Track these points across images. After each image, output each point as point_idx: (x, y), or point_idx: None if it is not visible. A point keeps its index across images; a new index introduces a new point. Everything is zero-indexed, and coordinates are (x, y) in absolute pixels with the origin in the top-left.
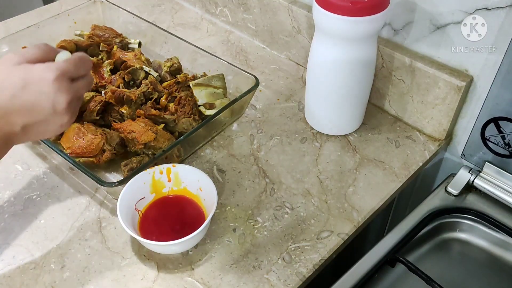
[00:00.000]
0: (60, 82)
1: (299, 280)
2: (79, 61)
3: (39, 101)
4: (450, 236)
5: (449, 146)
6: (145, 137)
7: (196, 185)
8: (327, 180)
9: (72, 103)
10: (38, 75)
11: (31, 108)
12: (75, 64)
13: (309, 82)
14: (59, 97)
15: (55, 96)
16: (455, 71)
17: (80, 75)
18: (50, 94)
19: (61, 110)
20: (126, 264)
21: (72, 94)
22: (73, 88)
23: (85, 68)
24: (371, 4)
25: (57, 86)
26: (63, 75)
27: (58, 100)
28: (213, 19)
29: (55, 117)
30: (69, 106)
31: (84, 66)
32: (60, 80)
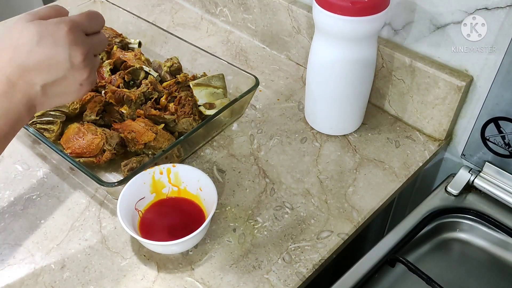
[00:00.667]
0: (74, 34)
1: (299, 280)
2: (92, 15)
3: (55, 54)
4: (450, 236)
5: (449, 146)
6: (145, 137)
7: (196, 185)
8: (327, 180)
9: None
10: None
11: (48, 62)
12: (88, 18)
13: (309, 82)
14: (74, 49)
15: (71, 48)
16: (455, 71)
17: (93, 31)
18: (65, 46)
19: (78, 63)
20: (126, 264)
21: (88, 47)
22: (88, 42)
23: (98, 23)
24: (371, 4)
25: (71, 37)
26: (76, 27)
27: (74, 52)
28: (213, 19)
29: (74, 73)
30: (86, 59)
31: (98, 21)
32: (74, 31)
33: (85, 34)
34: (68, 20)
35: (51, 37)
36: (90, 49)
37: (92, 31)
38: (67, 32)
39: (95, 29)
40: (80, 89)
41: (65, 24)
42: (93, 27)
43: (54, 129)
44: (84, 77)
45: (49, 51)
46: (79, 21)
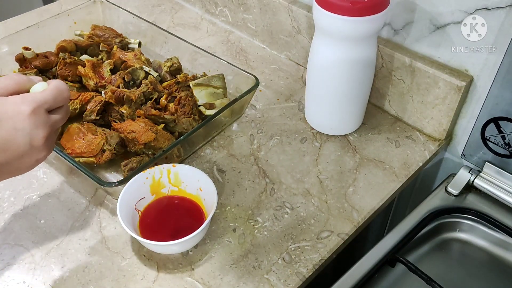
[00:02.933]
0: (37, 116)
1: (299, 280)
2: (57, 91)
3: (14, 138)
4: (450, 236)
5: (449, 146)
6: (145, 137)
7: (196, 185)
8: (327, 180)
9: (50, 137)
10: (12, 109)
11: (5, 146)
12: (53, 95)
13: (309, 82)
14: (36, 132)
15: (32, 131)
16: (455, 71)
17: (58, 106)
18: (25, 130)
19: (38, 146)
20: (126, 264)
21: (50, 128)
22: (50, 121)
23: (63, 98)
24: (371, 4)
25: (33, 120)
26: (39, 107)
27: (35, 136)
28: (213, 19)
29: (32, 153)
30: (47, 140)
31: (63, 96)
32: (36, 113)
33: (47, 112)
34: (30, 100)
35: (11, 120)
36: (52, 129)
37: (56, 107)
38: (28, 115)
39: (60, 104)
40: (34, 164)
41: (27, 106)
42: (58, 104)
43: None
44: (41, 156)
45: (8, 135)
46: (42, 100)
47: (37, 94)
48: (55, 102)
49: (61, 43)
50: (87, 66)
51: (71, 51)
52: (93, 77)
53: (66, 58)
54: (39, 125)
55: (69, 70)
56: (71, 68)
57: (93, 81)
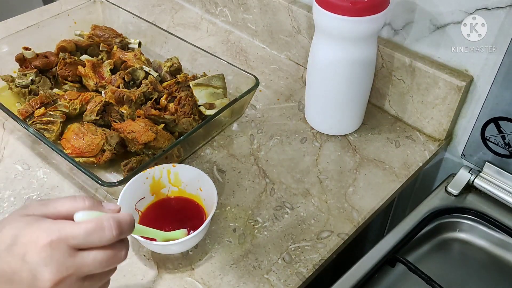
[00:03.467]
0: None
1: (299, 280)
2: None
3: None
4: (450, 236)
5: (449, 146)
6: (145, 137)
7: (196, 185)
8: (327, 180)
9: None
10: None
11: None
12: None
13: (309, 82)
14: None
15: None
16: (455, 71)
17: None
18: (32, 264)
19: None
20: (126, 264)
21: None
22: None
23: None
24: (371, 4)
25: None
26: (61, 240)
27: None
28: (213, 19)
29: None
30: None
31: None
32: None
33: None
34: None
35: (22, 247)
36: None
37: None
38: (42, 246)
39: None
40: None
41: (46, 234)
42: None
43: (54, 129)
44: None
45: (13, 265)
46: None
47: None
48: (87, 240)
49: (61, 43)
50: (87, 66)
51: (71, 51)
52: (93, 77)
53: (66, 58)
54: (51, 263)
55: (69, 70)
56: (71, 68)
57: (93, 81)
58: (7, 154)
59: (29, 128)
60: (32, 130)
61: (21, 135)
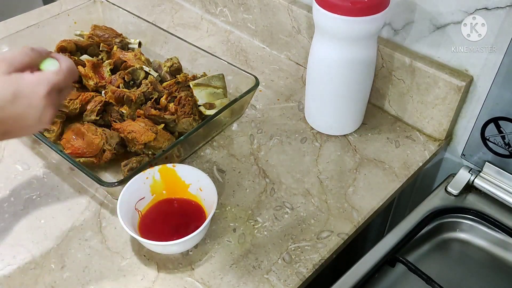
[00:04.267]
0: (50, 97)
1: (299, 280)
2: (69, 73)
3: (27, 114)
4: (450, 236)
5: (449, 146)
6: (145, 137)
7: (196, 185)
8: (327, 180)
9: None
10: (30, 89)
11: (17, 119)
12: (65, 77)
13: (309, 82)
14: (46, 111)
15: (43, 110)
16: (455, 71)
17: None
18: (38, 108)
19: (45, 121)
20: (126, 264)
21: (58, 105)
22: (58, 101)
23: (73, 79)
24: (371, 4)
25: (47, 101)
26: (53, 89)
27: (45, 114)
28: (213, 19)
29: (37, 126)
30: (53, 117)
31: (73, 78)
32: (50, 95)
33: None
34: (46, 82)
35: (27, 98)
36: (58, 107)
37: (65, 86)
38: (43, 96)
39: (69, 85)
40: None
41: (43, 87)
42: (67, 84)
43: (54, 129)
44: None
45: (22, 111)
46: (56, 82)
47: (51, 75)
48: (66, 84)
49: (61, 43)
50: (87, 66)
51: (71, 51)
52: (93, 77)
53: None
54: (50, 105)
55: None
56: None
57: (93, 81)
58: (7, 154)
59: None
60: None
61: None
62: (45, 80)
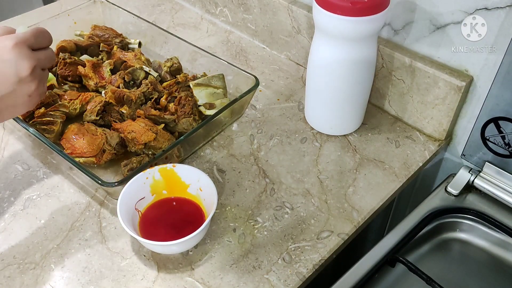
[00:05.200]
0: (20, 49)
1: (299, 280)
2: (38, 32)
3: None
4: (450, 236)
5: (449, 146)
6: (145, 137)
7: (196, 185)
8: (327, 180)
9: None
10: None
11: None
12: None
13: (309, 82)
14: (21, 62)
15: (17, 61)
16: (455, 71)
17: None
18: (12, 61)
19: (25, 76)
20: (126, 264)
21: (35, 61)
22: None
23: (44, 40)
24: (371, 4)
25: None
26: (22, 42)
27: (21, 66)
28: (213, 19)
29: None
30: (33, 73)
31: (44, 37)
32: (19, 46)
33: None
34: (13, 36)
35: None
36: (37, 63)
37: (39, 46)
38: (12, 47)
39: (41, 45)
40: (29, 101)
41: (10, 40)
42: (40, 43)
43: (54, 129)
44: (32, 89)
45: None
46: (24, 37)
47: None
48: (36, 41)
49: (61, 43)
50: (87, 66)
51: (71, 51)
52: (93, 77)
53: (66, 58)
54: (23, 57)
55: (69, 70)
56: (71, 68)
57: (93, 81)
58: (7, 154)
59: (29, 128)
60: (32, 130)
61: (21, 135)
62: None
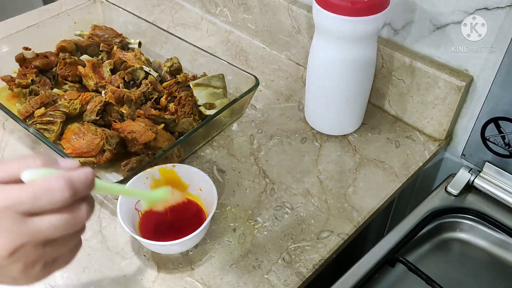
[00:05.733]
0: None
1: (299, 280)
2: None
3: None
4: (450, 236)
5: (449, 146)
6: (145, 137)
7: (196, 185)
8: (327, 180)
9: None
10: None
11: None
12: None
13: (309, 82)
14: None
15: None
16: (455, 71)
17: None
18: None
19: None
20: (126, 264)
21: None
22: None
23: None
24: (371, 4)
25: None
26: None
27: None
28: (213, 19)
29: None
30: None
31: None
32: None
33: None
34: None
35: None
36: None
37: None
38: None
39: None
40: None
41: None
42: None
43: (54, 129)
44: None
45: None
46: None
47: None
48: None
49: (61, 43)
50: (87, 66)
51: (71, 51)
52: (93, 77)
53: (66, 58)
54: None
55: (69, 70)
56: (71, 68)
57: (93, 81)
58: (7, 154)
59: (29, 128)
60: (32, 130)
61: (21, 135)
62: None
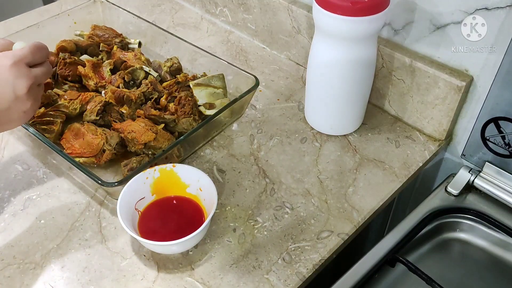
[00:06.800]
0: (18, 68)
1: (299, 280)
2: (35, 48)
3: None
4: (450, 236)
5: (449, 146)
6: (145, 137)
7: (196, 185)
8: (327, 180)
9: (32, 89)
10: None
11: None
12: (31, 51)
13: (309, 82)
14: (18, 82)
15: (15, 81)
16: (455, 71)
17: (37, 62)
18: (9, 80)
19: (22, 95)
20: (126, 264)
21: (32, 80)
22: (32, 74)
23: (41, 55)
24: (371, 4)
25: (15, 71)
26: (20, 61)
27: (18, 85)
28: (213, 19)
29: (17, 103)
30: (30, 91)
31: (41, 53)
32: (17, 65)
33: (28, 67)
34: (10, 55)
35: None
36: (34, 81)
37: (36, 63)
38: (10, 67)
39: (39, 60)
40: (23, 116)
41: (8, 60)
42: (37, 59)
43: (54, 129)
44: (28, 107)
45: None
46: (21, 55)
47: (16, 50)
48: (34, 58)
49: (61, 43)
50: (87, 66)
51: (71, 51)
52: (93, 77)
53: (66, 58)
54: (21, 76)
55: (69, 70)
56: (71, 68)
57: (93, 81)
58: (7, 154)
59: (29, 128)
60: (32, 130)
61: (21, 135)
62: (9, 54)
